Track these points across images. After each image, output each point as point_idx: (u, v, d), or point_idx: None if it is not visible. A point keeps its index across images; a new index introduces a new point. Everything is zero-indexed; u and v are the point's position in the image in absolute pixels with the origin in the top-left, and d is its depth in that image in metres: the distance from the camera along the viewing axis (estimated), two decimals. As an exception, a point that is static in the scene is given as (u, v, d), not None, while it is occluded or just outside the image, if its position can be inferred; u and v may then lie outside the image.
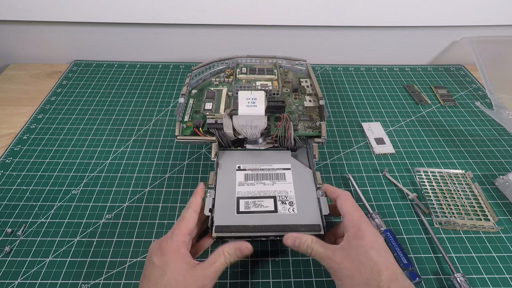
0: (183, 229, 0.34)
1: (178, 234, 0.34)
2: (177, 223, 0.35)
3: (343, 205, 0.35)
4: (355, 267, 0.30)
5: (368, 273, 0.30)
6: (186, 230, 0.34)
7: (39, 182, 0.48)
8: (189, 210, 0.36)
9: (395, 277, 0.29)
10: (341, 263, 0.31)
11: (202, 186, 0.40)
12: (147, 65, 0.74)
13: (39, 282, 0.37)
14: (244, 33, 0.73)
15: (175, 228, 0.34)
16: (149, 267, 0.32)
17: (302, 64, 0.59)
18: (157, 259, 0.32)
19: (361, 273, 0.30)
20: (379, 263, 0.30)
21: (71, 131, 0.57)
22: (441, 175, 0.50)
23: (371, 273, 0.30)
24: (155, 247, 0.34)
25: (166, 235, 0.34)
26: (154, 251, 0.33)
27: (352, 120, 0.60)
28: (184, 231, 0.34)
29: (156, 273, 0.31)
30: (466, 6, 0.68)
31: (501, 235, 0.43)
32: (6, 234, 0.42)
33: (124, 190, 0.47)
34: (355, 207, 0.35)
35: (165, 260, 0.32)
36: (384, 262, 0.30)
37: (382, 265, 0.30)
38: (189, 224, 0.35)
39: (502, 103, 0.61)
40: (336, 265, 0.31)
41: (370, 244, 0.31)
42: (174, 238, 0.33)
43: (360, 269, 0.30)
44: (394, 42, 0.75)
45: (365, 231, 0.32)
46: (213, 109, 0.49)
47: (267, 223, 0.37)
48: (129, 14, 0.67)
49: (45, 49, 0.75)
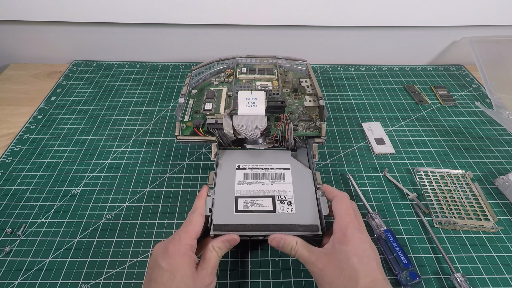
0: (191, 233, 0.34)
1: (186, 238, 0.33)
2: (184, 226, 0.35)
3: (336, 207, 0.35)
4: (335, 274, 0.30)
5: (347, 281, 0.30)
6: (194, 234, 0.34)
7: (39, 182, 0.48)
8: (195, 213, 0.36)
9: (374, 285, 0.29)
10: (323, 269, 0.31)
11: (206, 189, 0.39)
12: (147, 65, 0.74)
13: (39, 282, 0.37)
14: (244, 33, 0.73)
15: (182, 231, 0.34)
16: (156, 270, 0.32)
17: (302, 64, 0.59)
18: (164, 262, 0.32)
19: (340, 281, 0.30)
20: (358, 270, 0.30)
21: (71, 131, 0.57)
22: (441, 175, 0.50)
23: (350, 281, 0.29)
24: (161, 250, 0.33)
25: (173, 238, 0.34)
26: (160, 254, 0.33)
27: (352, 120, 0.60)
28: (192, 234, 0.34)
29: (164, 277, 0.31)
30: (466, 6, 0.68)
31: (501, 235, 0.43)
32: (6, 234, 0.42)
33: (124, 190, 0.47)
34: (348, 211, 0.35)
35: (173, 264, 0.31)
36: (365, 270, 0.30)
37: (362, 273, 0.30)
38: (197, 227, 0.35)
39: (502, 103, 0.61)
40: (319, 271, 0.31)
41: (354, 250, 0.31)
42: (182, 241, 0.33)
43: (339, 276, 0.30)
44: (394, 42, 0.75)
45: (350, 237, 0.32)
46: (213, 109, 0.49)
47: (265, 222, 0.37)
48: (129, 14, 0.67)
49: (45, 49, 0.75)
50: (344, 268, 0.30)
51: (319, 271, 0.31)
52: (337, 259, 0.31)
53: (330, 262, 0.31)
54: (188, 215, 0.36)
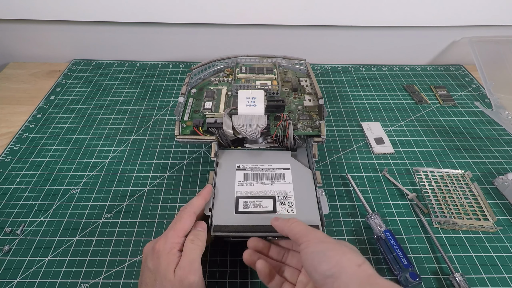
0: (178, 230, 0.33)
1: (173, 236, 0.32)
2: (173, 223, 0.33)
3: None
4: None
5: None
6: (181, 231, 0.33)
7: (38, 181, 0.48)
8: (186, 210, 0.34)
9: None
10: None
11: (209, 189, 0.38)
12: (146, 64, 0.74)
13: (38, 281, 0.37)
14: (243, 32, 0.73)
15: (170, 229, 0.33)
16: (145, 271, 0.31)
17: (301, 63, 0.59)
18: (151, 263, 0.31)
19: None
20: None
21: (70, 130, 0.56)
22: (440, 175, 0.50)
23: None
24: (149, 249, 0.32)
25: (160, 237, 0.33)
26: (149, 254, 0.32)
27: (352, 120, 0.60)
28: (179, 232, 0.32)
29: (150, 279, 0.30)
30: (466, 6, 0.68)
31: (500, 235, 0.43)
32: (5, 233, 0.42)
33: (123, 190, 0.47)
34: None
35: (156, 264, 0.31)
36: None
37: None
38: (185, 225, 0.33)
39: (501, 103, 0.61)
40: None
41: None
42: (169, 240, 0.32)
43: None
44: (394, 42, 0.75)
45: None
46: (212, 109, 0.49)
47: (266, 223, 0.37)
48: (128, 13, 0.67)
49: (44, 48, 0.75)
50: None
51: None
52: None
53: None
54: (180, 211, 0.35)
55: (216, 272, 0.38)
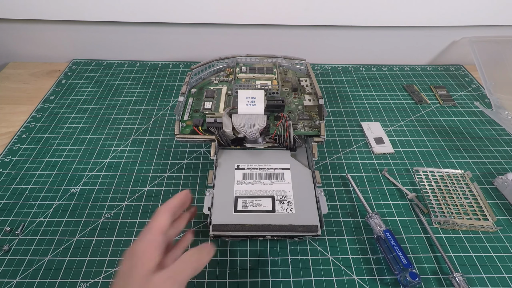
0: (154, 229, 0.32)
1: (147, 233, 0.31)
2: (149, 222, 0.33)
3: None
4: None
5: None
6: (157, 229, 0.32)
7: (38, 180, 0.48)
8: (160, 208, 0.33)
9: None
10: None
11: (186, 192, 0.36)
12: (146, 64, 0.74)
13: (37, 281, 0.37)
14: (244, 32, 0.73)
15: (145, 228, 0.32)
16: (118, 274, 0.31)
17: (301, 63, 0.59)
18: (126, 264, 0.30)
19: None
20: None
21: (70, 130, 0.56)
22: (440, 175, 0.50)
23: None
24: (128, 251, 0.31)
25: (138, 236, 0.32)
26: (126, 255, 0.31)
27: (352, 119, 0.60)
28: (155, 230, 0.31)
29: (123, 281, 0.30)
30: (466, 6, 0.68)
31: (500, 235, 0.43)
32: (5, 232, 0.42)
33: (123, 189, 0.47)
34: None
35: (129, 266, 0.30)
36: None
37: None
38: (160, 223, 0.32)
39: (501, 103, 0.61)
40: None
41: None
42: (145, 237, 0.31)
43: None
44: (394, 42, 0.75)
45: None
46: (212, 108, 0.49)
47: (265, 222, 0.37)
48: (128, 13, 0.67)
49: (44, 47, 0.75)
50: None
51: None
52: None
53: None
54: (156, 210, 0.34)
55: (216, 272, 0.38)
